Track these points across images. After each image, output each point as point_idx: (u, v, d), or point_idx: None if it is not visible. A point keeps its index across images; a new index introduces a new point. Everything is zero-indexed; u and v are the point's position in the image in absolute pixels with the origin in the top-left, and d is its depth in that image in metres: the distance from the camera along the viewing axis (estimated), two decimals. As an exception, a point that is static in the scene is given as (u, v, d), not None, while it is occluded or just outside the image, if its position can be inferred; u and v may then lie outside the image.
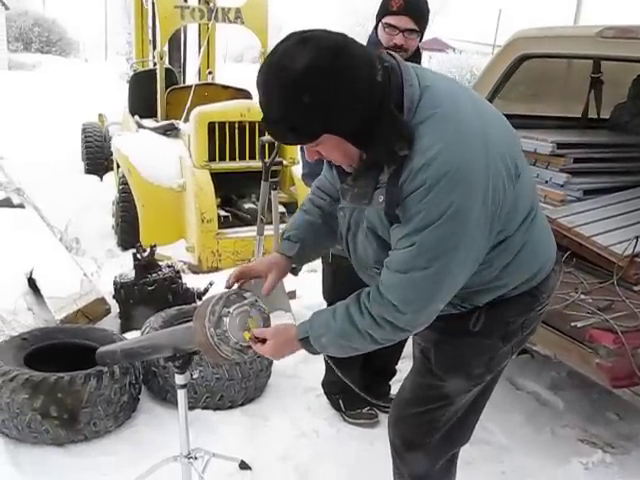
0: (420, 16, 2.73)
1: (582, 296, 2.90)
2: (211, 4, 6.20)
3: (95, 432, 2.80)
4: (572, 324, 2.65)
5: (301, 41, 1.41)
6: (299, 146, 2.27)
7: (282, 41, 1.45)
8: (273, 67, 1.42)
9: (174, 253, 5.12)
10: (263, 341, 1.73)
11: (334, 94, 1.38)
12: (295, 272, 1.94)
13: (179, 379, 2.19)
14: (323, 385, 3.23)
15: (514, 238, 1.65)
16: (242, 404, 3.15)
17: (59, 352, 3.02)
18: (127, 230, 5.45)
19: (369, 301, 1.61)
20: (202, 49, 7.04)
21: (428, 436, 1.99)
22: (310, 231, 1.92)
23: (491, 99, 3.70)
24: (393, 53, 1.56)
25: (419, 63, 2.81)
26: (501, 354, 1.86)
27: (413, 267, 1.50)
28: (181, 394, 2.23)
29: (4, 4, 26.43)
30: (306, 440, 2.98)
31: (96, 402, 2.74)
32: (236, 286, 1.85)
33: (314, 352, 1.72)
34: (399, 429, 2.07)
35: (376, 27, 2.79)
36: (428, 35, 3.03)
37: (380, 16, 2.76)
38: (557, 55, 3.66)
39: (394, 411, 2.10)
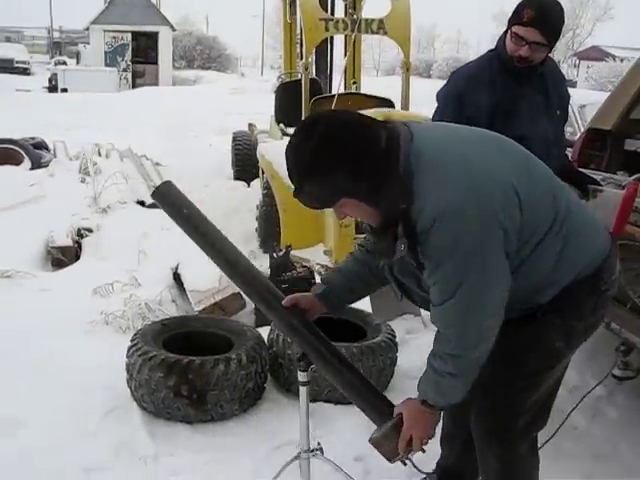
0: (551, 30, 2.63)
1: None
2: (355, 16, 6.33)
3: (221, 414, 2.99)
4: None
5: (312, 123, 1.74)
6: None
7: (303, 121, 1.81)
8: (292, 145, 1.75)
9: (312, 256, 5.27)
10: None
11: (341, 166, 1.67)
12: (332, 311, 2.19)
13: (301, 376, 2.21)
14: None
15: (547, 240, 1.80)
16: (362, 400, 3.19)
17: (194, 339, 3.25)
18: (269, 233, 5.65)
19: (434, 342, 1.83)
20: (346, 59, 7.19)
21: (513, 423, 2.03)
22: (340, 277, 2.15)
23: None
24: (398, 127, 1.78)
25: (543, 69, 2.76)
26: (578, 332, 1.94)
27: (445, 299, 1.74)
28: (303, 391, 2.25)
29: (171, 26, 28.35)
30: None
31: (223, 386, 2.93)
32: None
33: (441, 408, 1.89)
34: (485, 418, 2.09)
35: (506, 32, 2.72)
36: (586, 43, 2.90)
37: (510, 24, 2.67)
38: None
39: (479, 402, 2.07)
